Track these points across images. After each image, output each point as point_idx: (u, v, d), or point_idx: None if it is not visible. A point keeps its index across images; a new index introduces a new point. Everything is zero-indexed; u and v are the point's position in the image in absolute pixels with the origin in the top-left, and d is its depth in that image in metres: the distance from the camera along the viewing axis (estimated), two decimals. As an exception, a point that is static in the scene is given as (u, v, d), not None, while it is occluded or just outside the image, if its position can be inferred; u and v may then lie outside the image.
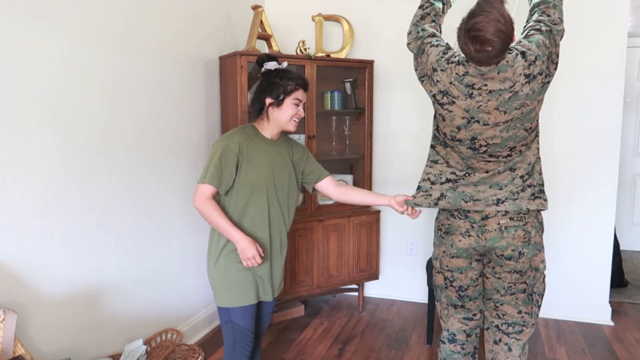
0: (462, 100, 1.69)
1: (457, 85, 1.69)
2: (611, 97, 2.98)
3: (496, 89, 1.64)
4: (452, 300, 1.97)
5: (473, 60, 1.63)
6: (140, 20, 2.36)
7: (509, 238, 1.79)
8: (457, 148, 1.80)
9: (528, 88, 1.64)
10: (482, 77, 1.64)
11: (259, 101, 1.90)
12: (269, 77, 1.90)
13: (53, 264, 1.96)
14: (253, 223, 1.88)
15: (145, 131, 2.42)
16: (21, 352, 1.68)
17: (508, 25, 1.54)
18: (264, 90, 1.89)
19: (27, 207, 1.83)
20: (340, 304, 3.48)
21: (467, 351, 2.03)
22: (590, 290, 3.15)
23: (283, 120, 1.90)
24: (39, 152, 1.87)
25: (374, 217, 3.25)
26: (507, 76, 1.62)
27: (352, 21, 3.38)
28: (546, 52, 1.67)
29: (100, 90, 2.15)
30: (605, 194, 3.06)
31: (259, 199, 1.87)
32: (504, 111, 1.67)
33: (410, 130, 3.41)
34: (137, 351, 2.19)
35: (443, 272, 1.95)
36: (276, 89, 1.87)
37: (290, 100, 1.88)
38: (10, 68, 1.74)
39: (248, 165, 1.83)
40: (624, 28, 2.93)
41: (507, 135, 1.71)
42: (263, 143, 1.90)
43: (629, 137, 4.74)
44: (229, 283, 1.86)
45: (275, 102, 1.87)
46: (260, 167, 1.85)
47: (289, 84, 1.88)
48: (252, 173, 1.84)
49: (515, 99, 1.65)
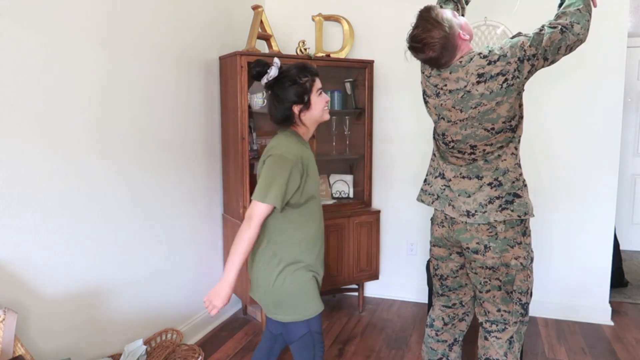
0: (432, 99, 1.88)
1: (428, 86, 1.88)
2: (611, 97, 2.98)
3: (453, 88, 1.78)
4: (436, 287, 2.09)
5: (427, 64, 1.83)
6: (140, 20, 2.36)
7: (473, 231, 1.84)
8: (438, 142, 1.95)
9: (483, 87, 1.71)
10: (440, 77, 1.81)
11: (284, 112, 1.76)
12: (282, 84, 1.76)
13: (53, 264, 1.96)
14: (313, 234, 1.80)
15: (144, 131, 2.42)
16: (21, 352, 1.68)
17: (440, 30, 1.69)
18: (283, 100, 1.75)
19: (27, 207, 1.84)
20: (340, 304, 3.48)
21: (443, 339, 2.08)
22: (590, 290, 3.15)
23: (317, 115, 1.80)
24: (39, 152, 1.87)
25: (374, 217, 3.25)
26: (459, 76, 1.75)
27: (352, 21, 3.38)
28: (519, 54, 1.68)
29: (99, 90, 2.15)
30: (605, 194, 3.06)
31: (316, 208, 1.81)
32: (460, 109, 1.79)
33: (410, 130, 3.41)
34: (137, 351, 2.19)
35: (432, 260, 2.07)
36: (297, 92, 1.74)
37: (315, 95, 1.78)
38: (4, 68, 1.74)
39: (308, 178, 1.74)
40: (624, 28, 2.93)
41: (465, 133, 1.81)
42: (309, 150, 1.81)
43: (629, 137, 4.74)
44: (303, 295, 1.75)
45: (304, 106, 1.76)
46: (315, 177, 1.79)
47: (305, 81, 1.76)
48: (311, 185, 1.76)
49: (469, 98, 1.75)
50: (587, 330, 3.04)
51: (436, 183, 1.97)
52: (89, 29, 2.07)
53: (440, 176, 1.95)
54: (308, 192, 1.74)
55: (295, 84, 1.74)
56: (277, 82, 1.75)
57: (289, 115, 1.77)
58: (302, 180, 1.70)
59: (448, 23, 1.71)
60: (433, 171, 2.00)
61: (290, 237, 1.74)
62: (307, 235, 1.78)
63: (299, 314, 1.75)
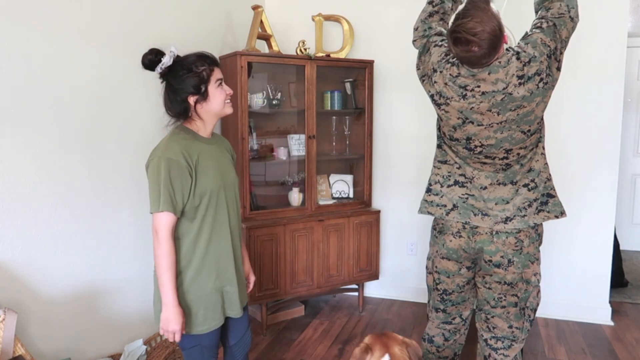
0: (455, 102, 1.68)
1: (451, 86, 1.67)
2: (611, 97, 2.98)
3: (489, 90, 1.63)
4: (435, 303, 1.95)
5: (463, 62, 1.62)
6: (139, 20, 2.36)
7: (499, 244, 1.75)
8: (455, 147, 1.80)
9: (524, 90, 1.61)
10: (474, 78, 1.63)
11: (179, 104, 1.60)
12: (176, 73, 1.60)
13: (53, 264, 1.96)
14: (215, 237, 1.64)
15: (144, 132, 2.42)
16: (21, 352, 1.68)
17: (494, 26, 1.53)
18: (177, 91, 1.59)
19: (27, 207, 1.83)
20: (340, 304, 3.48)
21: (444, 355, 2.01)
22: (590, 290, 3.15)
23: (217, 108, 1.64)
24: (39, 152, 1.87)
25: (374, 217, 3.25)
26: (498, 77, 1.60)
27: (352, 21, 3.38)
28: (545, 51, 1.61)
29: (99, 90, 2.15)
30: (605, 194, 3.06)
31: (217, 208, 1.63)
32: (497, 112, 1.65)
33: (410, 130, 3.41)
34: (137, 351, 2.19)
35: (433, 273, 1.93)
36: (193, 82, 1.58)
37: (213, 86, 1.61)
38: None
39: (199, 175, 1.58)
40: (624, 28, 2.93)
41: (501, 136, 1.68)
42: (204, 145, 1.64)
43: (629, 137, 4.74)
44: (197, 307, 1.63)
45: (200, 97, 1.60)
46: (211, 173, 1.61)
47: (202, 69, 1.59)
48: (204, 182, 1.59)
49: (509, 101, 1.63)
50: (587, 330, 3.04)
51: (451, 192, 1.83)
52: (87, 29, 2.07)
53: (459, 184, 1.81)
54: (202, 190, 1.58)
55: (191, 72, 1.58)
56: (172, 72, 1.60)
57: (185, 108, 1.61)
58: (192, 179, 1.55)
59: (499, 19, 1.57)
60: (443, 180, 1.86)
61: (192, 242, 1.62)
62: (209, 236, 1.63)
63: (191, 327, 1.63)
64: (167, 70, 1.60)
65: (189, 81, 1.58)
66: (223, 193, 1.65)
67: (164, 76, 1.61)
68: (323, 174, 3.37)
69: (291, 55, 3.04)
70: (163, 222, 1.52)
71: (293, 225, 2.97)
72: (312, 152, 3.05)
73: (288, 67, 3.15)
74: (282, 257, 2.95)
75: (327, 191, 3.35)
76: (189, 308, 1.62)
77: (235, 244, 1.73)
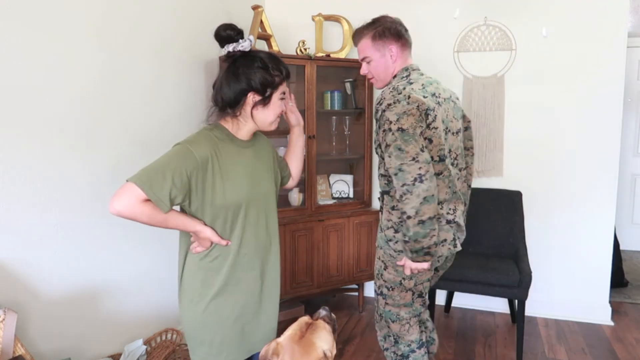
0: (437, 111, 1.67)
1: (430, 98, 1.68)
2: (611, 97, 2.98)
3: (447, 96, 1.75)
4: (417, 309, 1.93)
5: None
6: (139, 19, 2.36)
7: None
8: (448, 168, 1.74)
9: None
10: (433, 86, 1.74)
11: (235, 94, 1.42)
12: (250, 62, 1.42)
13: (53, 264, 1.96)
14: (242, 252, 1.47)
15: (145, 132, 2.42)
16: (21, 352, 1.68)
17: None
18: (242, 80, 1.41)
19: (26, 207, 1.83)
20: (340, 304, 3.48)
21: (428, 351, 2.10)
22: (590, 290, 3.15)
23: (268, 121, 1.47)
24: (39, 151, 1.87)
25: (374, 216, 3.25)
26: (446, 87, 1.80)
27: (352, 21, 3.38)
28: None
29: (99, 90, 2.15)
30: (605, 194, 3.06)
31: (245, 220, 1.46)
32: (457, 118, 1.79)
33: (410, 130, 3.41)
34: (137, 351, 2.19)
35: (413, 288, 1.87)
36: (263, 79, 1.42)
37: (277, 96, 1.46)
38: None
39: (224, 182, 1.40)
40: (624, 28, 2.93)
41: (462, 145, 1.82)
42: (236, 147, 1.46)
43: (629, 137, 4.74)
44: (211, 328, 1.47)
45: (262, 100, 1.43)
46: (239, 182, 1.43)
47: (276, 75, 1.44)
48: (229, 193, 1.40)
49: (457, 109, 1.79)
50: (587, 330, 3.04)
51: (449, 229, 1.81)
52: (86, 29, 2.07)
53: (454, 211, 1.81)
54: (227, 200, 1.41)
55: (265, 70, 1.43)
56: (244, 58, 1.44)
57: (238, 101, 1.43)
58: (196, 183, 1.36)
59: None
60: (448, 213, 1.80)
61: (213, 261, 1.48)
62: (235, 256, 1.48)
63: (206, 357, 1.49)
64: (239, 54, 1.44)
65: (259, 77, 1.41)
66: (253, 205, 1.46)
67: (232, 59, 1.45)
68: (323, 174, 3.37)
69: (291, 55, 3.04)
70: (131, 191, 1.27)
71: (293, 225, 2.97)
72: (312, 152, 3.05)
73: (288, 67, 3.15)
74: (282, 257, 2.94)
75: (327, 191, 3.35)
76: (203, 332, 1.46)
77: (267, 264, 1.53)
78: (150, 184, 1.28)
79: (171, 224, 1.35)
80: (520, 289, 2.55)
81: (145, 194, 1.27)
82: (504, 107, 3.16)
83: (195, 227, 1.38)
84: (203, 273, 1.45)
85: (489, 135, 3.19)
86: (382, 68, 1.78)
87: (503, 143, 3.20)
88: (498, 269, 2.64)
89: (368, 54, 1.78)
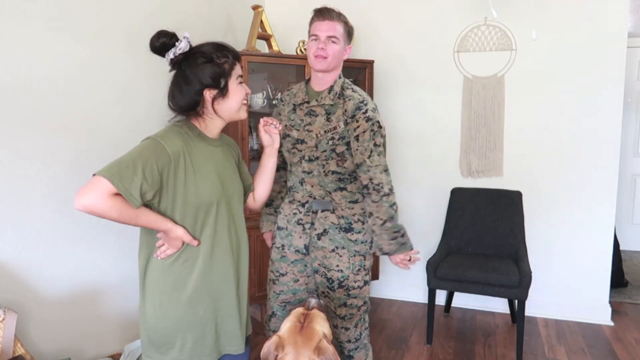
0: None
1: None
2: (611, 97, 2.98)
3: None
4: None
5: None
6: (139, 20, 2.36)
7: None
8: None
9: None
10: None
11: (190, 96, 1.37)
12: (193, 61, 1.37)
13: (53, 264, 1.96)
14: (215, 256, 1.43)
15: (144, 131, 2.41)
16: (21, 352, 1.68)
17: None
18: (192, 81, 1.36)
19: (27, 207, 1.83)
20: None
21: None
22: (590, 290, 3.15)
23: (234, 109, 1.44)
24: (39, 151, 1.87)
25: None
26: None
27: (352, 21, 3.37)
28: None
29: (99, 90, 2.15)
30: (605, 194, 3.06)
31: (216, 219, 1.42)
32: None
33: (410, 130, 3.41)
34: (137, 351, 2.19)
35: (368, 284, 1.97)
36: (212, 73, 1.37)
37: (234, 82, 1.41)
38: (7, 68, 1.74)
39: (196, 179, 1.36)
40: (624, 28, 2.93)
41: None
42: (206, 145, 1.42)
43: (629, 137, 4.74)
44: (184, 337, 1.40)
45: (219, 92, 1.39)
46: (211, 181, 1.39)
47: (224, 62, 1.38)
48: (201, 191, 1.37)
49: None
50: (587, 330, 3.04)
51: None
52: (85, 28, 2.07)
53: None
54: (200, 197, 1.37)
55: (212, 62, 1.37)
56: (187, 59, 1.37)
57: (197, 102, 1.38)
58: (168, 178, 1.32)
59: None
60: None
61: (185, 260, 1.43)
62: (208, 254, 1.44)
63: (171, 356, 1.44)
64: (181, 57, 1.37)
65: (208, 72, 1.36)
66: (224, 205, 1.43)
67: (176, 64, 1.39)
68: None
69: (291, 55, 3.04)
70: (101, 185, 1.22)
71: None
72: (312, 152, 3.04)
73: (288, 67, 3.15)
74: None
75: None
76: (173, 337, 1.39)
77: (240, 264, 1.50)
78: (120, 176, 1.22)
79: (142, 220, 1.30)
80: (520, 289, 2.55)
81: (114, 187, 1.21)
82: (504, 107, 3.16)
83: (166, 225, 1.33)
84: (173, 277, 1.39)
85: (489, 135, 3.20)
86: (338, 57, 1.84)
87: (503, 143, 3.20)
88: (498, 269, 2.64)
89: (338, 36, 1.85)
